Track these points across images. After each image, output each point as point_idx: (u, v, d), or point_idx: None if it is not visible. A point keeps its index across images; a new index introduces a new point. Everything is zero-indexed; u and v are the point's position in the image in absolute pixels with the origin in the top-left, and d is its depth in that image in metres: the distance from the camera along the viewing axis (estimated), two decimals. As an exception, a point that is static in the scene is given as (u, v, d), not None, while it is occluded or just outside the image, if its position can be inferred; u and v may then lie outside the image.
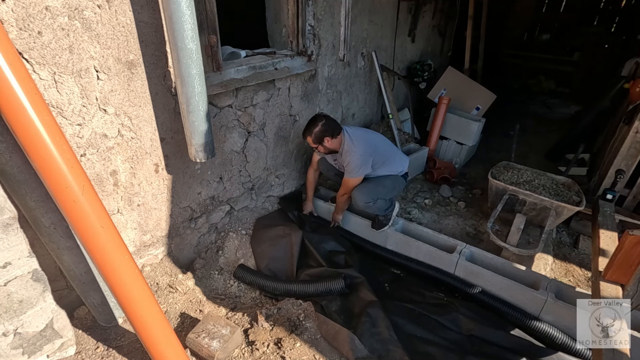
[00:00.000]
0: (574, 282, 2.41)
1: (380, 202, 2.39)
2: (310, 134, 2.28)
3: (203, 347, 1.65)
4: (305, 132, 2.32)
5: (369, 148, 2.34)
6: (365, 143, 2.35)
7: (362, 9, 3.11)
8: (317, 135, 2.27)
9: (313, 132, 2.27)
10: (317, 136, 2.27)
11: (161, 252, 2.13)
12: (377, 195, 2.36)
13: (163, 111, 1.82)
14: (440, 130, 3.68)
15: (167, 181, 1.98)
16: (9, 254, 1.37)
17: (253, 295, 2.21)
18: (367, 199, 2.35)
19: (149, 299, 1.42)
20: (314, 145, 2.33)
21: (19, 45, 1.27)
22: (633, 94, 2.86)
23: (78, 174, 1.23)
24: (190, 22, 1.50)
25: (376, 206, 2.39)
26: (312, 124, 2.28)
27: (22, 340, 1.48)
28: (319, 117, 2.29)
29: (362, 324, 1.88)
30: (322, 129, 2.25)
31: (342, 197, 2.50)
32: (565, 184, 2.72)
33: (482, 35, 5.37)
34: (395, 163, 2.49)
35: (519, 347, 1.90)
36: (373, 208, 2.40)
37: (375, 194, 2.36)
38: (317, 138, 2.28)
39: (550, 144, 4.18)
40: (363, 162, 2.32)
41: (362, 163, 2.32)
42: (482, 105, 3.97)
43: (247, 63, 2.24)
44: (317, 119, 2.28)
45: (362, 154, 2.31)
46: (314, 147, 2.35)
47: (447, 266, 2.31)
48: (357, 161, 2.31)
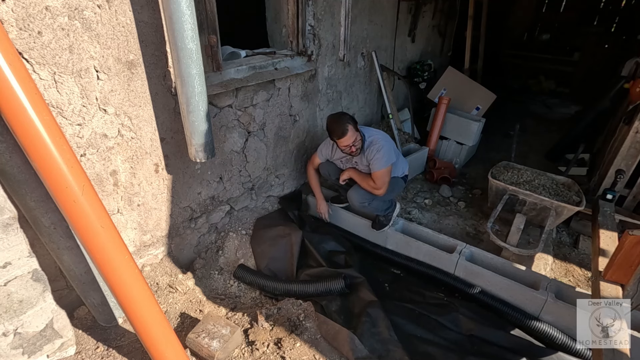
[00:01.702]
0: (574, 282, 2.41)
1: (376, 203, 2.38)
2: (350, 124, 2.12)
3: (203, 347, 1.65)
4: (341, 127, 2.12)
5: (388, 139, 2.31)
6: (382, 134, 2.32)
7: (362, 9, 3.11)
8: (354, 127, 2.15)
9: (350, 123, 2.13)
10: (355, 127, 2.15)
11: (161, 252, 2.13)
12: (373, 196, 2.35)
13: (163, 111, 1.82)
14: (440, 130, 3.68)
15: (167, 181, 1.98)
16: (9, 254, 1.37)
17: (253, 295, 2.21)
18: (362, 199, 2.34)
19: (149, 299, 1.42)
20: (352, 138, 2.15)
21: (19, 45, 1.27)
22: (633, 94, 2.86)
23: (78, 174, 1.23)
24: (190, 22, 1.50)
25: (372, 207, 2.38)
26: (342, 118, 2.15)
27: (22, 340, 1.48)
28: (341, 113, 2.20)
29: (362, 324, 1.88)
30: (353, 120, 2.15)
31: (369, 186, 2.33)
32: (565, 184, 2.72)
33: (482, 35, 5.37)
34: (398, 164, 2.47)
35: (519, 347, 1.90)
36: (369, 208, 2.39)
37: (371, 195, 2.34)
38: (355, 129, 2.15)
39: (550, 144, 4.18)
40: (389, 148, 2.25)
41: (389, 150, 2.25)
42: (482, 105, 3.97)
43: (247, 63, 2.24)
44: (341, 115, 2.18)
45: (386, 141, 2.26)
46: (349, 144, 2.17)
47: (447, 266, 2.31)
48: (385, 150, 2.22)
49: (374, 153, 2.24)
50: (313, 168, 2.62)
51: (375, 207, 2.40)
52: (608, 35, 6.26)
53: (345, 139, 2.15)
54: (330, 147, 2.48)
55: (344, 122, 2.14)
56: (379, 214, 2.45)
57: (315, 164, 2.60)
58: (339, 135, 2.15)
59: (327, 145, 2.49)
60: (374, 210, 2.41)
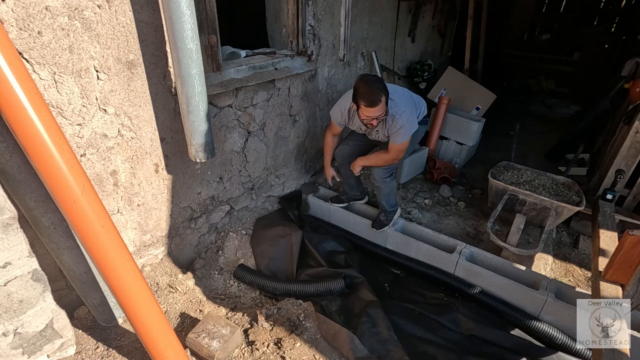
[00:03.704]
0: (574, 282, 2.41)
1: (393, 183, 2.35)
2: (383, 96, 1.85)
3: (203, 347, 1.65)
4: (374, 97, 1.85)
5: (410, 102, 2.11)
6: (405, 101, 2.08)
7: (362, 9, 3.11)
8: (386, 100, 1.88)
9: (383, 95, 1.86)
10: (386, 101, 1.89)
11: (161, 252, 2.13)
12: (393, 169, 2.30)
13: (163, 111, 1.82)
14: (440, 130, 3.67)
15: (167, 181, 1.98)
16: (9, 254, 1.37)
17: (253, 295, 2.21)
18: (384, 174, 2.28)
19: (149, 299, 1.42)
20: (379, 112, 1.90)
21: (19, 45, 1.27)
22: (633, 94, 2.85)
23: (78, 174, 1.23)
24: (190, 22, 1.50)
25: (390, 186, 2.34)
26: (375, 86, 1.86)
27: (22, 340, 1.48)
28: (376, 79, 1.91)
29: (362, 324, 1.88)
30: (386, 91, 1.88)
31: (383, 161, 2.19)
32: (565, 184, 2.72)
33: (482, 35, 5.36)
34: (417, 109, 2.21)
35: (519, 347, 1.90)
36: (388, 187, 2.34)
37: (392, 167, 2.28)
38: (386, 103, 1.89)
39: (550, 144, 4.18)
40: (412, 121, 2.07)
41: (412, 122, 2.07)
42: (482, 105, 3.97)
43: (247, 63, 2.24)
44: (376, 81, 1.89)
45: (410, 112, 2.05)
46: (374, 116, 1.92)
47: (447, 266, 2.31)
48: (408, 124, 2.03)
49: (397, 127, 2.04)
50: (332, 135, 2.41)
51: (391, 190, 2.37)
52: (608, 35, 6.26)
53: (373, 111, 1.89)
54: (347, 112, 2.21)
55: (378, 92, 1.86)
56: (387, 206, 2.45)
57: (335, 131, 2.37)
58: (367, 103, 1.88)
59: (343, 108, 2.21)
60: (389, 194, 2.39)
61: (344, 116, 2.23)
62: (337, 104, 2.25)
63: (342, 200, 2.73)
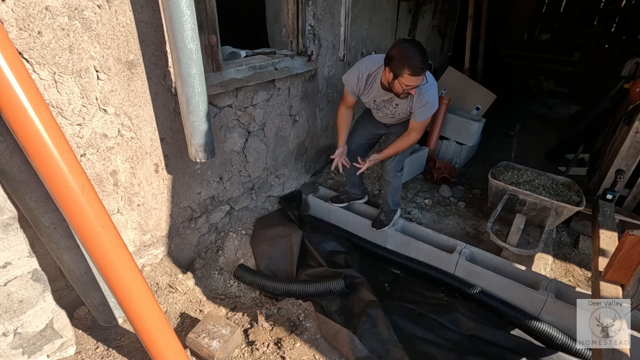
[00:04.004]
0: (574, 282, 2.41)
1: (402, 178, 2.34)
2: (427, 67, 1.71)
3: (203, 347, 1.65)
4: (422, 64, 1.69)
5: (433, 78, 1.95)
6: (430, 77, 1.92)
7: (362, 9, 3.11)
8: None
9: (427, 66, 1.72)
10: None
11: (161, 252, 2.13)
12: (405, 156, 2.28)
13: (163, 111, 1.82)
14: (440, 130, 3.67)
15: (167, 181, 1.98)
16: (9, 254, 1.37)
17: (253, 295, 2.21)
18: (396, 168, 2.28)
19: (149, 299, 1.42)
20: (420, 82, 1.75)
21: (19, 45, 1.27)
22: (633, 94, 2.85)
23: (78, 174, 1.23)
24: (190, 22, 1.50)
25: (400, 181, 2.34)
26: (425, 53, 1.70)
27: (22, 340, 1.48)
28: (421, 46, 1.71)
29: (362, 324, 1.88)
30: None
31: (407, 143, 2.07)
32: (565, 184, 2.72)
33: (482, 35, 5.36)
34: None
35: (518, 347, 1.90)
36: (397, 182, 2.33)
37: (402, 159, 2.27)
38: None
39: (550, 144, 4.18)
40: (436, 97, 1.92)
41: (436, 99, 1.91)
42: (482, 105, 3.97)
43: (247, 63, 2.24)
44: (423, 49, 1.71)
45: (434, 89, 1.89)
46: (413, 86, 1.76)
47: (447, 266, 2.31)
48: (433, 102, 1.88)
49: (423, 102, 1.89)
50: (345, 107, 2.19)
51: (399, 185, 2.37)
52: (608, 35, 6.26)
53: (417, 80, 1.72)
54: (365, 77, 1.97)
55: (426, 61, 1.68)
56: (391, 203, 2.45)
57: (349, 102, 2.15)
58: (415, 71, 1.68)
59: (361, 73, 1.97)
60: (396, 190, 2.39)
61: (360, 82, 1.98)
62: (353, 68, 2.01)
63: (342, 200, 2.73)
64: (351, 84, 2.01)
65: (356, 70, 1.98)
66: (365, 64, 1.97)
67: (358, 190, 2.72)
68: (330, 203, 2.75)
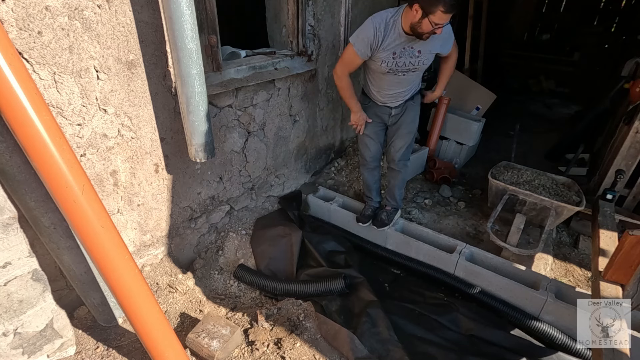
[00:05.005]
0: (574, 282, 2.41)
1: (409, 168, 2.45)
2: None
3: (203, 347, 1.65)
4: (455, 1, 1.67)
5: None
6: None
7: (362, 9, 3.10)
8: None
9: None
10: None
11: (161, 252, 2.13)
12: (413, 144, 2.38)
13: (163, 111, 1.82)
14: (440, 130, 3.67)
15: (167, 181, 1.98)
16: (9, 254, 1.37)
17: (253, 295, 2.21)
18: (407, 155, 2.37)
19: (149, 299, 1.42)
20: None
21: (19, 45, 1.27)
22: (633, 94, 2.85)
23: (78, 174, 1.23)
24: (190, 22, 1.50)
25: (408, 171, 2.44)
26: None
27: (22, 340, 1.48)
28: None
29: (362, 324, 1.88)
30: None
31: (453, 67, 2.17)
32: (565, 184, 2.72)
33: (482, 35, 5.36)
34: None
35: (518, 347, 1.90)
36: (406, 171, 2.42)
37: (411, 146, 2.36)
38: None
39: (550, 144, 4.17)
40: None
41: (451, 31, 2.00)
42: (482, 105, 3.96)
43: (247, 63, 2.24)
44: None
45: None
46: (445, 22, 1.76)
47: (447, 266, 2.31)
48: (449, 27, 1.95)
49: (446, 34, 1.95)
50: (348, 72, 2.08)
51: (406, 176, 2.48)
52: (608, 35, 6.26)
53: (446, 17, 1.71)
54: (382, 29, 1.84)
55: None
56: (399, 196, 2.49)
57: (353, 66, 2.02)
58: (447, 8, 1.66)
59: (378, 23, 1.84)
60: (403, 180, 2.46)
61: (377, 33, 1.84)
62: (363, 25, 1.88)
63: (368, 217, 2.54)
64: (367, 39, 1.86)
65: (370, 25, 1.86)
66: (378, 16, 1.87)
67: (379, 196, 2.63)
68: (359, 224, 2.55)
